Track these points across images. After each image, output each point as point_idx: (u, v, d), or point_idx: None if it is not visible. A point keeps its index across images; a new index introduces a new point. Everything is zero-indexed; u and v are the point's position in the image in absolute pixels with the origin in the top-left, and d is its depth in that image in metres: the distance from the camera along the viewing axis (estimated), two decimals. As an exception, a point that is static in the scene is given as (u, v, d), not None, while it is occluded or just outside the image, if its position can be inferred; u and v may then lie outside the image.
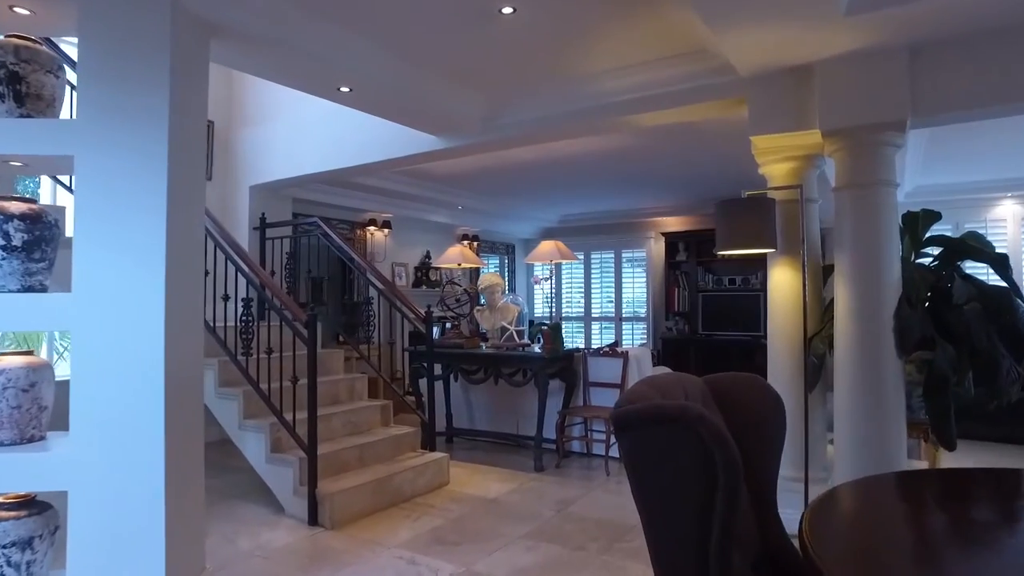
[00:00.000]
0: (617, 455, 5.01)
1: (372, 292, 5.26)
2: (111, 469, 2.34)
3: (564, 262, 5.99)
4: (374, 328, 4.78)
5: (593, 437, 5.14)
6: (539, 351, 5.00)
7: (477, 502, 4.12)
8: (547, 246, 5.59)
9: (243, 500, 4.06)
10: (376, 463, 4.21)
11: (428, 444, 4.61)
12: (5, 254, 2.40)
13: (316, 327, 3.61)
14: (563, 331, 5.10)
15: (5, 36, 2.48)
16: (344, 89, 3.64)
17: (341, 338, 6.36)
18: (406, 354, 5.64)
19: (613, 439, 4.89)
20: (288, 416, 3.75)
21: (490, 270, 9.73)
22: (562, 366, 5.05)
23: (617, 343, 5.35)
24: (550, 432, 5.02)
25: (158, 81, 2.41)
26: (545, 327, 4.98)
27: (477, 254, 8.57)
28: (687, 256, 9.22)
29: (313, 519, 3.60)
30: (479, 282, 5.38)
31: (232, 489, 4.30)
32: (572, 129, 4.30)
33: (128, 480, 2.35)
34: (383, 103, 3.99)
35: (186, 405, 2.48)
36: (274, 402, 3.80)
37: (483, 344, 5.40)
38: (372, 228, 7.58)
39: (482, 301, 5.84)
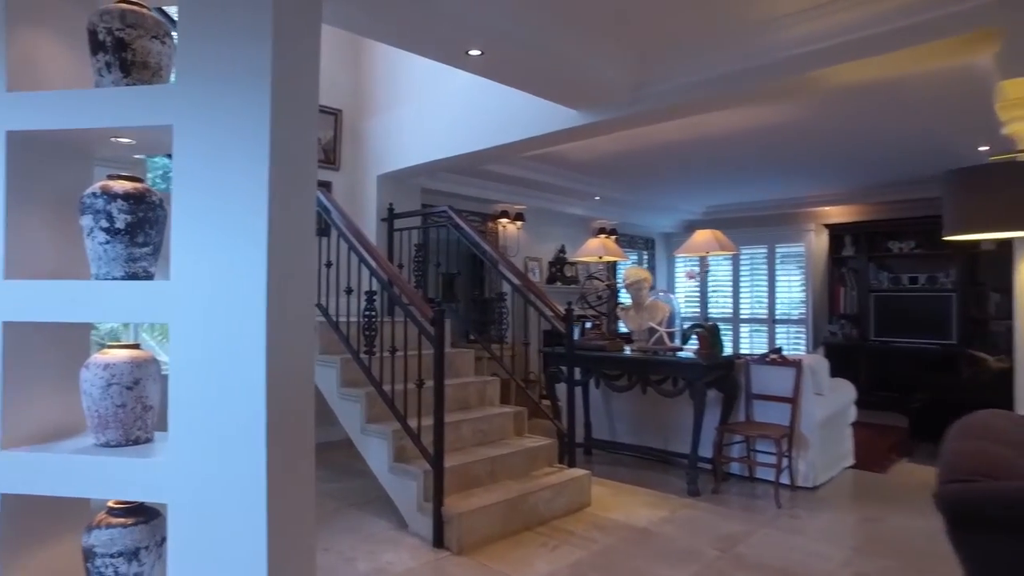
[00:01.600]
0: (788, 482, 4.22)
1: (505, 288, 4.82)
2: (210, 479, 2.01)
3: (722, 255, 5.25)
4: (507, 327, 4.33)
5: (757, 459, 4.38)
6: (693, 356, 4.32)
7: (624, 531, 3.53)
8: (703, 236, 4.89)
9: (364, 511, 3.75)
10: (508, 479, 3.75)
11: (567, 458, 4.09)
12: (109, 237, 2.16)
13: (444, 325, 3.20)
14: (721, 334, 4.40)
15: (114, 3, 2.25)
16: (474, 52, 3.20)
17: (471, 337, 6.01)
18: (539, 356, 5.16)
19: (785, 463, 4.11)
20: (413, 423, 3.37)
21: (629, 265, 9.05)
22: (721, 374, 4.33)
23: (779, 349, 4.58)
24: (705, 450, 4.33)
25: (259, 40, 2.04)
26: (700, 329, 4.30)
27: (614, 248, 7.94)
28: (855, 251, 8.04)
29: (439, 540, 3.19)
30: (624, 277, 4.78)
31: (353, 496, 4.01)
32: (741, 93, 3.59)
33: (228, 493, 2.00)
34: (517, 69, 3.51)
35: (292, 409, 2.11)
36: (398, 406, 3.44)
37: (627, 347, 4.80)
38: (504, 220, 7.19)
39: (622, 298, 5.26)
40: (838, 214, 8.37)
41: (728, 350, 7.42)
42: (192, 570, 2.04)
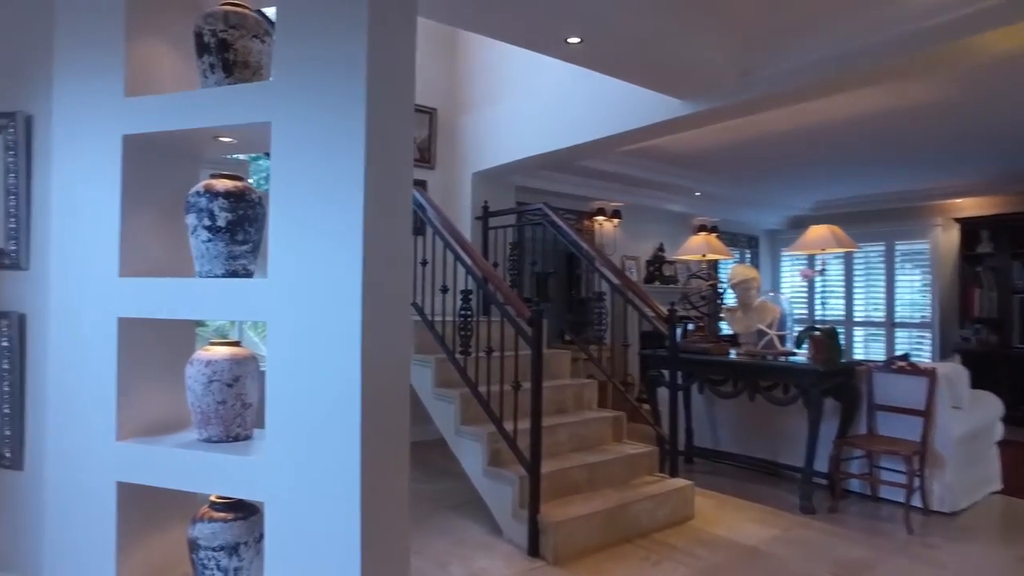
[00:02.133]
0: (921, 505, 3.80)
1: (602, 287, 4.65)
2: (305, 478, 1.99)
3: (836, 253, 4.85)
4: (606, 327, 4.17)
5: (881, 477, 3.98)
6: (808, 362, 3.99)
7: (731, 549, 3.29)
8: (819, 232, 4.52)
9: (459, 514, 3.69)
10: (607, 487, 3.58)
11: (668, 467, 3.87)
12: (211, 235, 2.19)
13: (542, 325, 3.08)
14: (839, 338, 4.03)
15: (219, 5, 2.29)
16: (573, 40, 3.06)
17: (567, 337, 5.87)
18: (636, 358, 4.95)
19: (917, 483, 3.70)
20: (508, 426, 3.28)
21: (731, 264, 8.62)
22: (839, 382, 3.97)
23: (906, 355, 4.15)
24: (820, 464, 3.98)
25: (355, 35, 2.00)
26: (817, 332, 3.96)
27: (716, 246, 7.56)
28: (994, 247, 7.24)
29: (534, 549, 3.08)
30: (730, 276, 4.50)
31: (448, 498, 3.97)
32: (863, 73, 3.26)
33: (322, 493, 1.97)
34: (617, 56, 3.34)
35: (387, 409, 2.05)
36: (493, 408, 3.36)
37: (732, 350, 4.51)
38: (600, 218, 7.00)
39: (725, 297, 4.96)
40: (972, 206, 7.58)
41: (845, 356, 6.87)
42: (287, 568, 2.03)
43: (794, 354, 4.24)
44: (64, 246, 2.36)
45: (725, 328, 6.37)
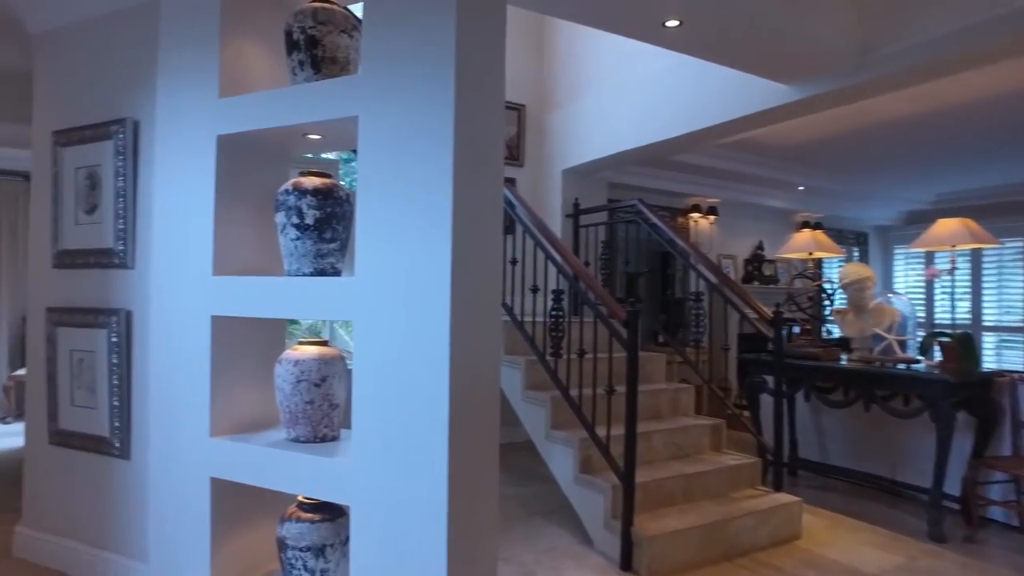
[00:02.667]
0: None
1: (699, 287, 4.40)
2: (391, 482, 1.93)
3: (975, 248, 4.37)
4: (704, 330, 3.93)
5: (1028, 503, 3.52)
6: (935, 370, 3.59)
7: None
8: (949, 226, 4.07)
9: (547, 521, 3.57)
10: (705, 499, 3.36)
11: (773, 480, 3.59)
12: (299, 233, 2.18)
13: (638, 327, 2.91)
14: (974, 345, 3.60)
15: (308, 2, 2.28)
16: (671, 23, 2.87)
17: (661, 339, 5.63)
18: (733, 363, 4.65)
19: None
20: (601, 431, 3.13)
21: (840, 262, 8.05)
22: (974, 394, 3.55)
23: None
24: (951, 486, 3.57)
25: (443, 26, 1.92)
26: (947, 338, 3.56)
27: (822, 244, 7.05)
28: None
29: (626, 563, 2.91)
30: (841, 276, 4.13)
31: (535, 503, 3.85)
32: (1006, 43, 2.88)
33: (409, 497, 1.90)
34: (719, 39, 3.11)
35: (476, 412, 1.96)
36: (585, 413, 3.21)
37: (844, 356, 4.14)
38: (696, 215, 6.70)
39: (834, 298, 4.57)
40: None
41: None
42: (373, 573, 1.98)
43: (916, 361, 3.84)
44: (164, 245, 2.42)
45: (834, 332, 5.92)
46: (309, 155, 3.59)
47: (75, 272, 2.79)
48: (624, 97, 4.82)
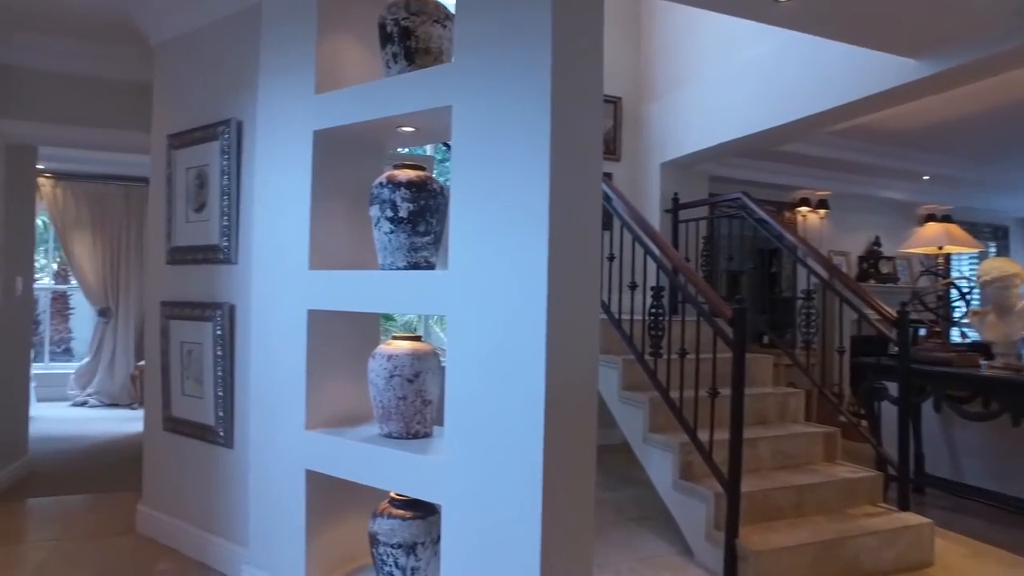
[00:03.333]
0: None
1: (808, 285, 4.08)
2: (484, 482, 1.86)
3: None
4: (815, 330, 3.63)
5: None
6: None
7: (989, 609, 2.65)
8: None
9: (644, 527, 3.41)
10: (818, 514, 3.09)
11: (897, 498, 3.26)
12: (393, 227, 2.16)
13: (745, 327, 2.71)
14: None
15: (401, -7, 2.25)
16: (785, -2, 2.65)
17: (766, 340, 5.30)
18: (845, 366, 4.28)
19: None
20: (703, 436, 2.94)
21: (969, 260, 7.34)
22: None
23: None
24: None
25: (538, 10, 1.82)
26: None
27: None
28: None
29: (732, 579, 2.71)
30: (982, 272, 3.70)
31: (631, 508, 3.69)
32: None
33: (502, 497, 1.83)
34: (837, 11, 2.84)
35: (572, 411, 1.86)
36: (687, 416, 3.03)
37: (983, 362, 3.72)
38: (804, 209, 6.28)
39: (971, 296, 4.12)
40: None
41: None
42: (465, 573, 1.92)
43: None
44: (263, 240, 2.47)
45: (970, 335, 5.37)
46: (404, 150, 3.61)
47: (185, 268, 2.92)
48: (727, 84, 4.56)
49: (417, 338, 2.23)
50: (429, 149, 4.87)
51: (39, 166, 6.51)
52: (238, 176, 2.72)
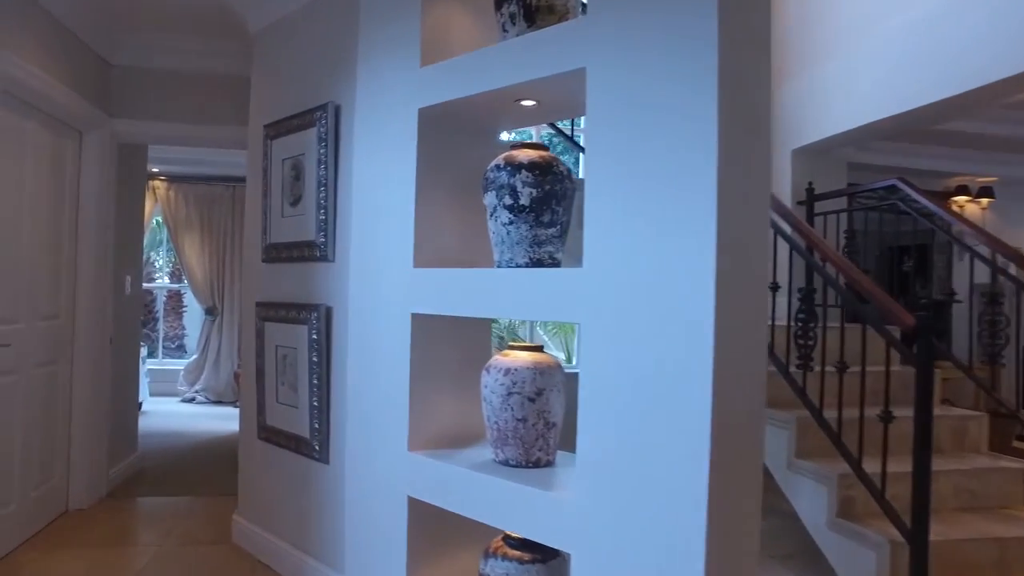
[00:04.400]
0: None
1: (992, 286, 3.42)
2: (627, 528, 1.48)
3: None
4: (1004, 341, 3.00)
5: None
6: None
7: None
8: None
9: (788, 567, 2.91)
10: None
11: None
12: (512, 216, 1.82)
13: (931, 338, 2.19)
14: None
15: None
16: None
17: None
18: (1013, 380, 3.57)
19: None
20: (869, 466, 2.44)
21: None
22: None
23: None
24: None
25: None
26: None
27: None
28: None
29: (915, 649, 2.20)
30: None
31: (773, 544, 3.19)
32: None
33: (652, 548, 1.44)
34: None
35: (741, 441, 1.45)
36: (847, 442, 2.54)
37: None
38: (961, 199, 5.49)
39: None
40: None
41: None
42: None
43: None
44: (361, 235, 2.20)
45: None
46: (510, 136, 3.30)
47: (280, 266, 2.72)
48: (874, 56, 3.97)
49: (538, 348, 1.89)
50: (535, 134, 4.55)
51: (154, 169, 6.75)
52: (336, 165, 2.49)
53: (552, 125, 3.77)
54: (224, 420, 5.94)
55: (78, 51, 3.35)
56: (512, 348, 1.89)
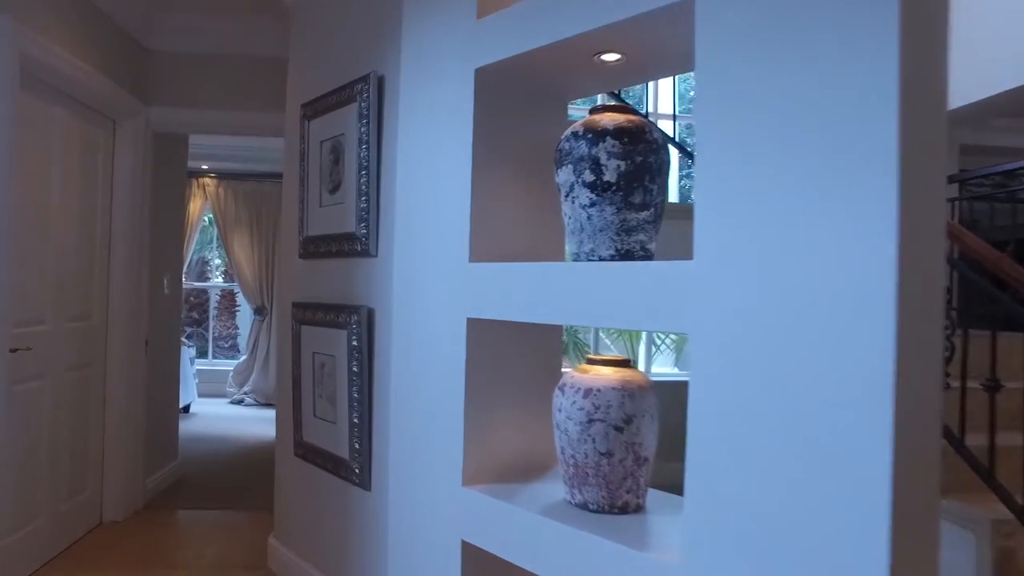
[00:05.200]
0: None
1: None
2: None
3: None
4: None
5: None
6: None
7: None
8: None
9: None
10: None
11: None
12: (594, 196, 1.43)
13: None
14: None
15: None
16: None
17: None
18: None
19: None
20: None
21: None
22: None
23: None
24: None
25: None
26: None
27: None
28: None
29: None
30: None
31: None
32: None
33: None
34: None
35: (917, 489, 1.02)
36: (1001, 476, 2.05)
37: None
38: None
39: None
40: None
41: None
42: None
43: None
44: (408, 224, 1.84)
45: None
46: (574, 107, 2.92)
47: (318, 262, 2.41)
48: (994, 17, 3.41)
49: (625, 362, 1.50)
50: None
51: (203, 166, 6.63)
52: (379, 145, 2.15)
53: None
54: (271, 424, 5.73)
55: (111, 34, 3.13)
56: (592, 362, 1.50)
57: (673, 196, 5.16)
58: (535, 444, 1.70)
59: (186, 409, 5.97)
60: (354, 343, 2.12)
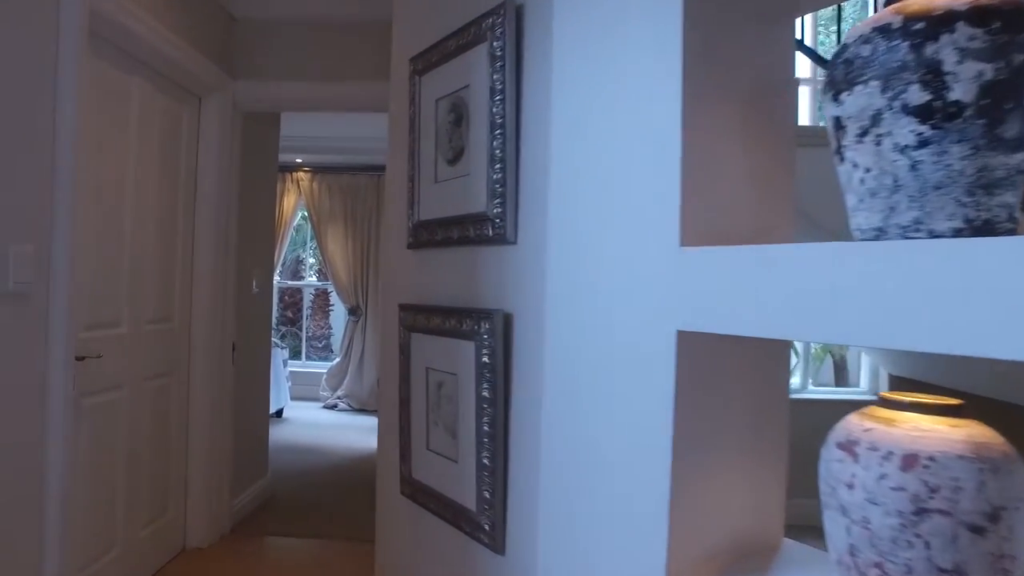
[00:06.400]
0: None
1: None
2: None
3: None
4: None
5: None
6: None
7: None
8: None
9: None
10: None
11: None
12: (929, 128, 0.83)
13: None
14: None
15: None
16: None
17: None
18: None
19: None
20: None
21: None
22: None
23: None
24: None
25: None
26: None
27: None
28: None
29: None
30: None
31: None
32: None
33: None
34: None
35: None
36: None
37: None
38: None
39: None
40: None
41: None
42: None
43: None
44: (568, 197, 1.30)
45: None
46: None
47: (433, 253, 1.91)
48: None
49: (958, 409, 0.89)
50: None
51: (297, 160, 6.39)
52: (517, 97, 1.61)
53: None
54: (366, 433, 5.38)
55: (196, -2, 2.77)
56: (894, 405, 0.91)
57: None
58: (761, 498, 1.11)
59: (279, 414, 5.72)
60: (485, 359, 1.60)
